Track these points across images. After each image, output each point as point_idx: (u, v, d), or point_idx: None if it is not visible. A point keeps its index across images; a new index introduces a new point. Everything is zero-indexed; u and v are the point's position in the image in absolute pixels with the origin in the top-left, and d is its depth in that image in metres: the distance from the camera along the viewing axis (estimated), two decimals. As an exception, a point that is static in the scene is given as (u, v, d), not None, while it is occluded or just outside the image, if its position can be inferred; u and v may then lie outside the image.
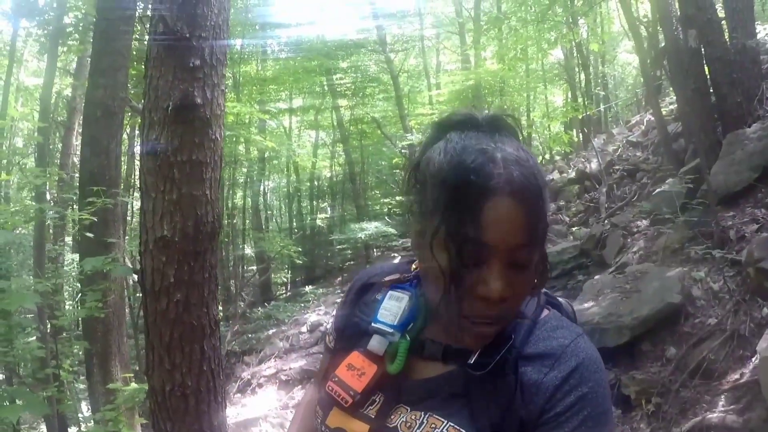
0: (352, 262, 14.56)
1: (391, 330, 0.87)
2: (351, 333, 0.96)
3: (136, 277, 2.57)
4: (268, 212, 18.61)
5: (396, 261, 1.06)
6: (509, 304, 0.79)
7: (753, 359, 3.13)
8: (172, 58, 2.34)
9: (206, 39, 2.40)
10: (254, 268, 15.09)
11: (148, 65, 2.40)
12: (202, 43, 2.39)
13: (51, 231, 7.51)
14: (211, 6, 2.41)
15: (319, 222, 17.85)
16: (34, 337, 6.15)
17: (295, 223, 18.23)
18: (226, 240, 13.43)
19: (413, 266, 0.97)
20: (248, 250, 15.09)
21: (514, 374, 0.79)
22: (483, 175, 0.75)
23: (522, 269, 0.78)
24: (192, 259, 2.44)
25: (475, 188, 0.75)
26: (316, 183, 18.91)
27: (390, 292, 0.92)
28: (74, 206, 6.48)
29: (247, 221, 16.29)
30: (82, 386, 5.93)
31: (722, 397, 3.07)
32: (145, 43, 2.38)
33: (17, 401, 2.62)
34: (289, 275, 16.89)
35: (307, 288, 13.21)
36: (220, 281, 13.06)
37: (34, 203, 7.37)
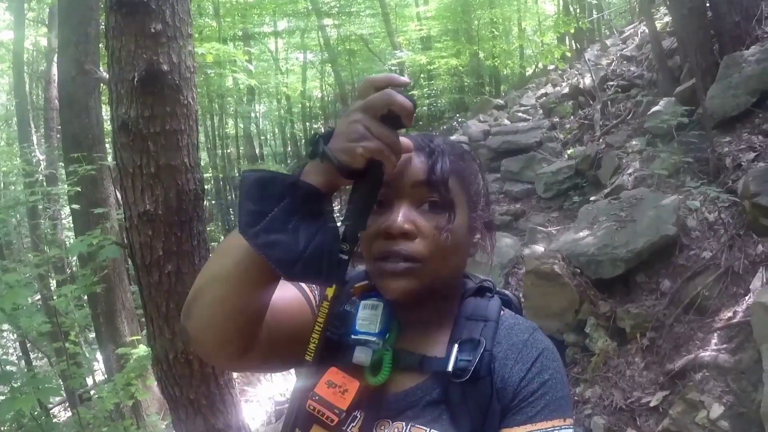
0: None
1: (374, 338, 0.86)
2: (324, 347, 0.92)
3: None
4: (261, 138, 18.39)
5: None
6: (418, 245, 0.82)
7: (746, 297, 3.14)
8: (131, 25, 2.21)
9: (165, 0, 2.25)
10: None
11: (108, 36, 2.26)
12: (161, 4, 2.25)
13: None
14: (167, -36, 2.24)
15: (313, 143, 17.79)
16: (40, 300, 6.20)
17: (289, 147, 18.15)
18: (221, 175, 13.37)
19: None
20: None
21: (489, 375, 0.83)
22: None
23: (431, 212, 0.83)
24: (178, 230, 2.42)
25: None
26: (307, 104, 18.70)
27: (363, 302, 0.91)
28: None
29: (241, 149, 16.10)
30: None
31: (715, 335, 3.09)
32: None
33: (25, 389, 2.61)
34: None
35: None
36: (222, 213, 13.00)
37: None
